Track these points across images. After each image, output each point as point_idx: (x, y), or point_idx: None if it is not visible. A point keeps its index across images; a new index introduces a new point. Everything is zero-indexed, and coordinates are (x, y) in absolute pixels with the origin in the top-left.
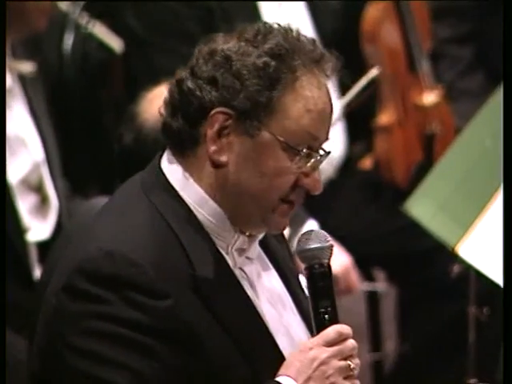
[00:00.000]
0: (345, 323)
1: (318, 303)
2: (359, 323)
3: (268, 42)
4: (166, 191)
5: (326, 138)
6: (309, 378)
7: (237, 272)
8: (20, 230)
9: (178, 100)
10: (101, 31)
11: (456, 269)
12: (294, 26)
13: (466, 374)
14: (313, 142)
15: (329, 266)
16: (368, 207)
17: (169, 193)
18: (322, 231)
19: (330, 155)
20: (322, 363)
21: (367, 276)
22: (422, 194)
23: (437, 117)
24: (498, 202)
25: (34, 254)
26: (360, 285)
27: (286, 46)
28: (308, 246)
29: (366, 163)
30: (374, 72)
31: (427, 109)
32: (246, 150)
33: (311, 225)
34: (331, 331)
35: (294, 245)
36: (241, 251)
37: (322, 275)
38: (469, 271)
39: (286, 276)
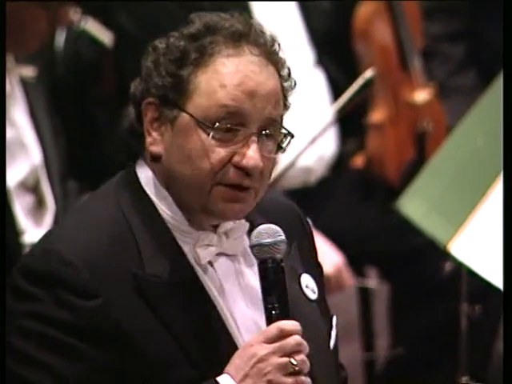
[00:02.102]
0: (336, 320)
1: (267, 298)
2: (351, 320)
3: (191, 27)
4: (135, 190)
5: (264, 116)
6: (246, 376)
7: (199, 269)
8: (16, 233)
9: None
10: (91, 26)
11: (448, 267)
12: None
13: (457, 372)
14: (237, 118)
15: (281, 261)
16: (360, 205)
17: (137, 191)
18: (275, 226)
19: (322, 153)
20: (260, 360)
21: (359, 273)
22: (414, 192)
23: (428, 114)
24: (489, 200)
25: None
26: (351, 280)
27: (202, 27)
28: (260, 241)
29: (358, 161)
30: (368, 74)
31: (419, 106)
32: (171, 137)
33: None
34: (272, 328)
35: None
36: (207, 247)
37: (273, 270)
38: (460, 269)
39: None
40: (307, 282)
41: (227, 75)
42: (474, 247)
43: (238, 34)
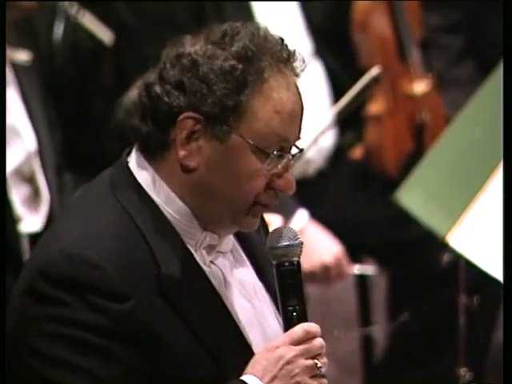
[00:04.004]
0: (334, 309)
1: (287, 301)
2: (349, 309)
3: (235, 44)
4: (135, 190)
5: (298, 138)
6: (274, 377)
7: (206, 269)
8: (12, 220)
9: (147, 105)
10: (91, 22)
11: (446, 257)
12: (261, 25)
13: (455, 362)
14: (284, 143)
15: (298, 264)
16: (358, 196)
17: (137, 192)
18: (293, 228)
19: (321, 145)
20: (288, 362)
21: (358, 264)
22: (412, 184)
23: (427, 106)
24: (487, 191)
25: (25, 245)
26: (350, 269)
27: (253, 47)
28: (278, 244)
29: (356, 152)
30: (374, 71)
31: (417, 98)
32: (217, 154)
33: (301, 214)
34: (298, 330)
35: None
36: (211, 248)
37: (291, 273)
38: (459, 260)
39: (261, 267)
40: None
41: (281, 101)
42: (472, 239)
43: (283, 56)
